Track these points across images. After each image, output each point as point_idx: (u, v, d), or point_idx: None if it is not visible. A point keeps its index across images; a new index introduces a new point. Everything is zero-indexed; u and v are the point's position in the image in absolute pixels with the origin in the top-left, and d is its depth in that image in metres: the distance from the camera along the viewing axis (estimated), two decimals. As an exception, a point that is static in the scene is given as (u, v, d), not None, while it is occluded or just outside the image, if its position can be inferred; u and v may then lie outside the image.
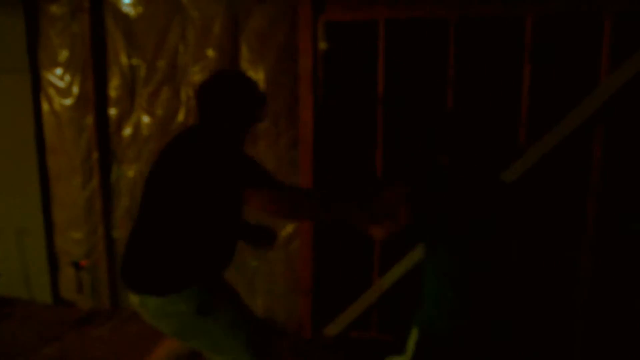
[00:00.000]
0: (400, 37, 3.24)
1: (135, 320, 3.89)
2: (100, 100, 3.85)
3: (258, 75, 3.48)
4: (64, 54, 3.89)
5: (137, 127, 3.83)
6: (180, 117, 3.70)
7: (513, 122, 3.09)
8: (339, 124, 3.44)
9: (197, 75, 3.61)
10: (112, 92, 3.85)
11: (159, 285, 2.10)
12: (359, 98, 3.36)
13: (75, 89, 3.90)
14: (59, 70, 3.91)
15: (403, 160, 3.33)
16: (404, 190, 2.20)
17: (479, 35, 3.10)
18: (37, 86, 3.98)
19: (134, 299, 2.19)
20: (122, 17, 3.73)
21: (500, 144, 3.13)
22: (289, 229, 3.61)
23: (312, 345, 3.56)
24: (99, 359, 3.44)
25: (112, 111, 3.87)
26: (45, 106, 4.00)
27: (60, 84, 3.93)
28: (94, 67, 3.80)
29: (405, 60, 3.25)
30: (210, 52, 3.57)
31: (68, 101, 3.93)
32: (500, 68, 3.09)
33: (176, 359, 2.54)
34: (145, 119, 3.79)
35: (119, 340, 3.64)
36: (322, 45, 3.34)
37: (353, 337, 3.60)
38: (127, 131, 3.85)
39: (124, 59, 3.77)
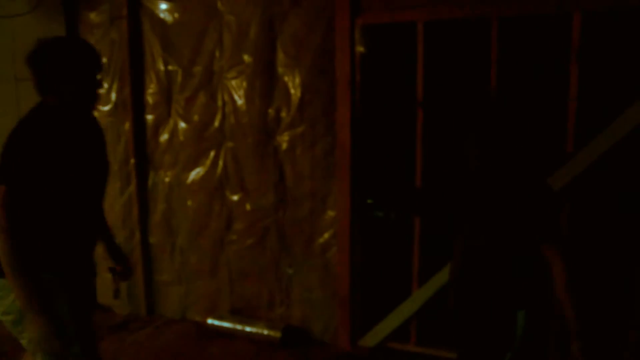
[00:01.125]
0: (439, 39, 3.14)
1: (171, 327, 3.88)
2: (138, 107, 3.87)
3: (294, 80, 3.43)
4: (102, 61, 3.91)
5: (174, 132, 3.82)
6: (217, 122, 3.68)
7: (560, 126, 2.95)
8: (376, 128, 3.36)
9: (233, 81, 3.58)
10: (149, 98, 3.86)
11: None
12: (397, 101, 3.27)
13: (114, 95, 3.93)
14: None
15: (443, 164, 3.22)
16: None
17: (522, 35, 2.98)
18: (77, 93, 4.02)
19: None
20: (159, 23, 3.74)
21: (545, 149, 2.99)
22: (326, 235, 3.53)
23: (347, 357, 3.47)
24: (134, 365, 3.44)
25: (149, 117, 3.88)
26: (84, 112, 4.03)
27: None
28: (132, 73, 3.82)
29: (445, 63, 3.15)
30: (247, 57, 3.53)
31: (107, 107, 3.96)
32: (546, 69, 2.96)
33: None
34: (182, 124, 3.78)
35: (154, 347, 3.62)
36: (359, 48, 3.26)
37: (391, 348, 3.49)
38: (164, 137, 3.85)
39: (160, 65, 3.78)
